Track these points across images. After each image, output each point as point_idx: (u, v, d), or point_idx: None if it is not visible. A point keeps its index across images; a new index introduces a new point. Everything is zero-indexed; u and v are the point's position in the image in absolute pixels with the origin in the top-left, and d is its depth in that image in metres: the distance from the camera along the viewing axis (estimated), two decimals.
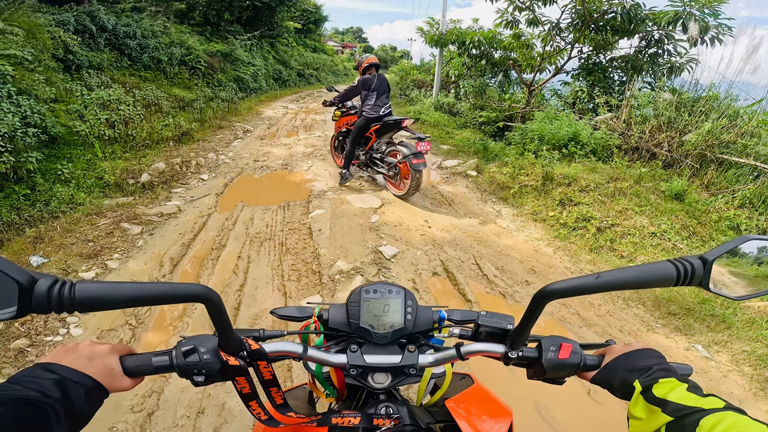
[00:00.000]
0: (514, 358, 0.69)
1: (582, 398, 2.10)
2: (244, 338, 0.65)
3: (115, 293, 0.50)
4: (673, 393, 0.51)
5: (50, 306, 0.47)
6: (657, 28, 6.82)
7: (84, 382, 0.53)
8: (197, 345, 0.61)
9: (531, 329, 0.67)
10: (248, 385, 0.66)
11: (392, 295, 0.78)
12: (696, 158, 5.11)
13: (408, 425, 0.73)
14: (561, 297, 0.59)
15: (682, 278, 0.57)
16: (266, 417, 0.69)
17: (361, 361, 0.73)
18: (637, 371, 0.59)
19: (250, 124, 9.01)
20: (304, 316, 0.84)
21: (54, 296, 0.47)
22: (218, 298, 0.57)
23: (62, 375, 0.52)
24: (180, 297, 0.54)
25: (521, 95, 9.29)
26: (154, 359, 0.61)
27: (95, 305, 0.50)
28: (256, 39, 14.29)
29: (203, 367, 0.60)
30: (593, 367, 0.68)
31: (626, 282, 0.58)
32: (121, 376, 0.59)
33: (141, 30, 8.21)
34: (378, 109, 4.74)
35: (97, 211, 4.00)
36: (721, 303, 2.96)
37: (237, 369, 0.62)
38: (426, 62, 17.40)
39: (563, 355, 0.67)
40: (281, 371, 2.16)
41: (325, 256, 3.38)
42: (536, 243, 3.90)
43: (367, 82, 4.69)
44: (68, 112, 5.18)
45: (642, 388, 0.55)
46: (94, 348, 0.58)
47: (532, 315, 0.64)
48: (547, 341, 0.68)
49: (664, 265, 0.58)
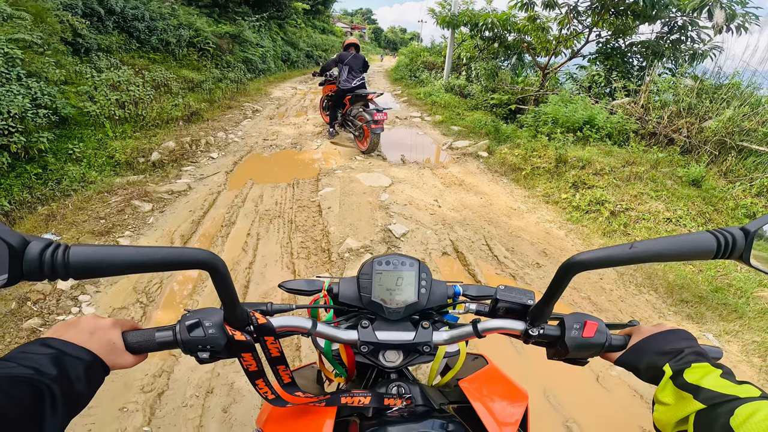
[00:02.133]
0: (534, 335, 0.64)
1: (590, 384, 2.07)
2: (251, 312, 0.61)
3: (112, 258, 0.46)
4: (707, 379, 0.48)
5: (42, 271, 0.43)
6: (681, 14, 6.62)
7: (83, 357, 0.50)
8: (202, 319, 0.58)
9: (554, 305, 0.62)
10: (255, 363, 0.62)
11: (405, 267, 0.74)
12: (715, 145, 5.00)
13: (420, 405, 0.69)
14: (589, 269, 0.54)
15: (722, 251, 0.52)
16: (273, 396, 0.66)
17: (373, 338, 0.69)
18: (666, 354, 0.55)
19: (259, 104, 8.96)
20: (314, 290, 0.81)
21: (47, 260, 0.43)
22: (224, 265, 0.53)
23: (60, 350, 0.48)
24: (182, 263, 0.50)
25: (535, 78, 9.10)
26: (157, 334, 0.59)
27: (91, 271, 0.45)
28: (264, 20, 14.12)
29: (208, 342, 0.57)
30: (619, 347, 0.63)
31: (662, 253, 0.53)
32: (122, 352, 0.56)
33: (149, 12, 8.16)
34: (350, 81, 5.79)
35: (108, 189, 4.03)
36: (734, 292, 2.90)
37: (243, 344, 0.59)
38: (437, 44, 17.07)
39: (588, 333, 0.62)
40: (289, 351, 2.16)
41: (334, 233, 3.37)
42: (548, 225, 3.84)
43: (342, 57, 5.78)
44: (78, 93, 5.20)
45: (672, 372, 0.52)
46: (96, 322, 0.55)
47: (556, 289, 0.59)
48: (570, 318, 0.63)
49: (703, 235, 0.53)
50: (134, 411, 1.80)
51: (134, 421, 1.75)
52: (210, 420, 1.78)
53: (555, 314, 0.67)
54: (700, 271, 3.15)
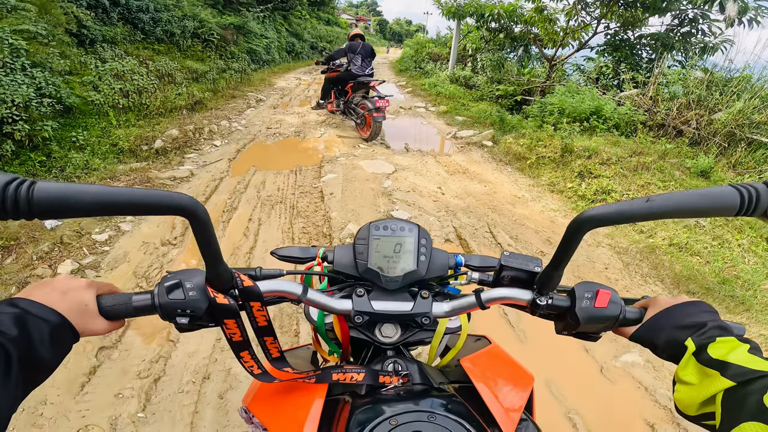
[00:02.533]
0: (543, 305, 0.60)
1: (594, 375, 2.03)
2: (236, 273, 0.57)
3: (81, 195, 0.42)
4: (734, 354, 0.43)
5: (5, 208, 0.39)
6: (692, 7, 6.51)
7: (49, 318, 0.46)
8: (183, 279, 0.54)
9: (564, 269, 0.57)
10: (239, 332, 0.58)
11: (404, 233, 0.70)
12: (724, 137, 4.94)
13: (418, 384, 0.65)
14: (602, 225, 0.50)
15: (746, 206, 0.48)
16: (260, 371, 0.61)
17: (368, 308, 0.64)
18: (688, 328, 0.51)
19: (263, 94, 8.94)
20: (307, 258, 0.77)
21: (9, 196, 0.39)
22: (205, 212, 0.47)
23: (25, 309, 0.45)
24: (158, 207, 0.45)
25: (541, 70, 8.99)
26: (134, 298, 0.55)
27: (58, 209, 0.41)
28: (269, 11, 14.06)
29: (187, 306, 0.53)
30: (634, 321, 0.58)
31: (681, 208, 0.48)
32: (95, 316, 0.52)
33: (154, 4, 8.14)
34: (363, 69, 5.95)
35: (111, 175, 4.03)
36: (742, 284, 2.86)
37: (226, 309, 0.55)
38: (442, 36, 16.93)
39: (600, 303, 0.57)
40: (287, 338, 2.13)
41: (336, 219, 3.35)
42: (553, 214, 3.80)
43: (352, 47, 5.96)
44: (83, 83, 5.22)
45: (696, 347, 0.47)
46: (69, 282, 0.51)
47: (566, 249, 0.53)
48: (581, 288, 0.59)
49: (725, 190, 0.48)
50: (129, 397, 1.78)
51: (129, 407, 1.74)
52: (206, 406, 1.77)
53: (563, 287, 0.63)
54: (708, 263, 3.11)
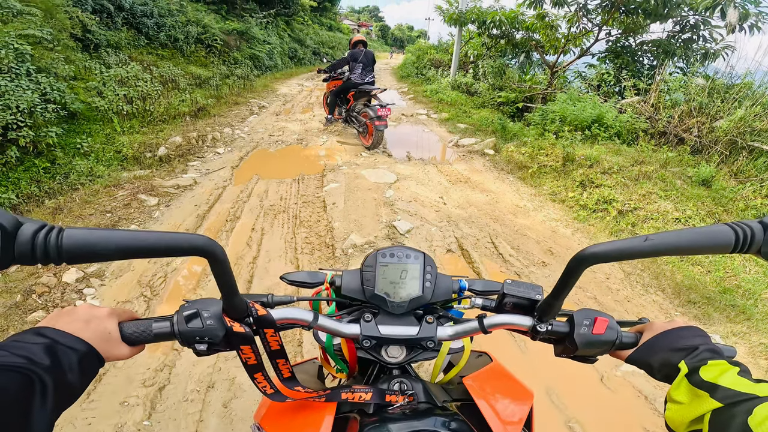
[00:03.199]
0: (542, 332, 0.63)
1: (594, 385, 2.04)
2: (250, 303, 0.60)
3: (107, 242, 0.44)
4: (724, 377, 0.46)
5: (35, 255, 0.41)
6: (693, 13, 6.53)
7: (77, 347, 0.48)
8: (200, 309, 0.56)
9: (564, 300, 0.60)
10: (254, 356, 0.61)
11: (410, 260, 0.72)
12: (726, 145, 4.93)
13: (423, 402, 0.68)
14: (602, 261, 0.52)
15: (741, 245, 0.50)
16: (272, 390, 0.64)
17: (375, 332, 0.67)
18: (681, 351, 0.54)
19: (265, 100, 8.99)
20: (316, 282, 0.79)
21: (39, 243, 0.41)
22: (222, 252, 0.51)
23: (54, 339, 0.47)
24: (179, 249, 0.48)
25: (543, 77, 9.02)
26: (154, 325, 0.57)
27: (85, 255, 0.44)
28: (271, 17, 14.16)
29: (206, 333, 0.56)
30: (630, 345, 0.62)
31: (678, 247, 0.51)
32: (118, 343, 0.55)
33: (158, 9, 8.20)
34: (364, 77, 5.85)
35: (115, 183, 4.06)
36: (743, 294, 2.86)
37: (242, 337, 0.58)
38: (444, 42, 17.00)
39: (598, 330, 0.60)
40: (291, 347, 2.15)
41: (338, 229, 3.36)
42: (554, 224, 3.81)
43: (354, 55, 5.85)
44: (87, 89, 5.24)
45: (688, 369, 0.50)
46: (92, 311, 0.54)
47: (567, 282, 0.57)
48: (579, 315, 0.62)
49: (721, 228, 0.51)
50: (135, 405, 1.80)
51: (134, 415, 1.75)
52: (210, 415, 1.78)
53: (563, 311, 0.65)
54: (709, 272, 3.11)
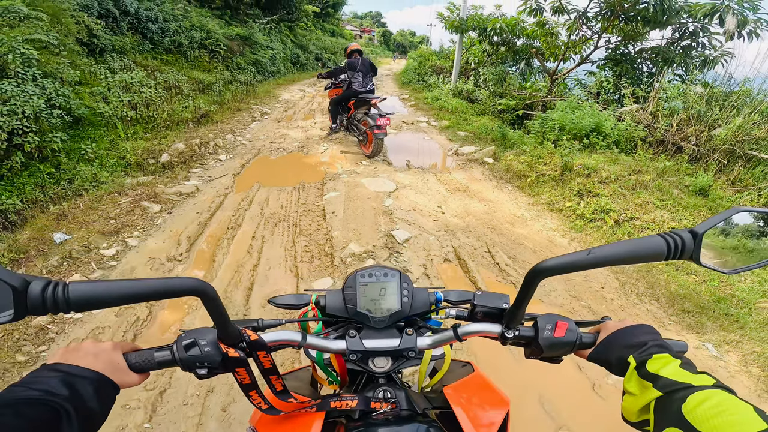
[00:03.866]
0: (510, 337, 0.68)
1: (586, 392, 2.08)
2: (242, 329, 0.65)
3: (108, 292, 0.50)
4: (666, 369, 0.51)
5: (46, 307, 0.47)
6: (692, 20, 6.56)
7: (91, 377, 0.52)
8: (197, 338, 0.61)
9: (526, 308, 0.66)
10: (248, 376, 0.65)
11: (387, 278, 0.78)
12: (724, 153, 4.95)
13: (404, 410, 0.73)
14: (554, 274, 0.58)
15: (673, 252, 0.56)
16: (266, 406, 0.69)
17: (360, 347, 0.73)
18: (632, 347, 0.59)
19: (267, 106, 9.06)
20: (302, 304, 0.84)
21: (48, 298, 0.47)
22: (213, 290, 0.56)
23: (68, 372, 0.50)
24: (174, 292, 0.53)
25: (543, 84, 9.07)
26: (156, 354, 0.62)
27: (89, 305, 0.50)
28: (274, 23, 14.28)
29: (205, 359, 0.60)
30: (589, 344, 0.67)
31: (617, 257, 0.56)
32: (127, 371, 0.59)
33: (162, 14, 8.28)
34: (364, 86, 5.90)
35: (118, 189, 4.11)
36: (737, 303, 2.89)
37: (237, 361, 0.63)
38: (445, 48, 17.07)
39: (559, 333, 0.66)
40: (288, 353, 2.19)
41: (338, 238, 3.40)
42: (551, 233, 3.84)
43: (352, 64, 5.88)
44: (92, 94, 5.30)
45: (636, 363, 0.55)
46: (97, 345, 0.58)
47: (526, 293, 0.63)
48: (542, 320, 0.67)
49: (654, 239, 0.57)
50: (136, 408, 1.85)
51: (135, 418, 1.81)
52: (209, 418, 1.83)
53: (530, 315, 0.70)
54: (704, 282, 3.13)
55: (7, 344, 2.17)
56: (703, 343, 2.53)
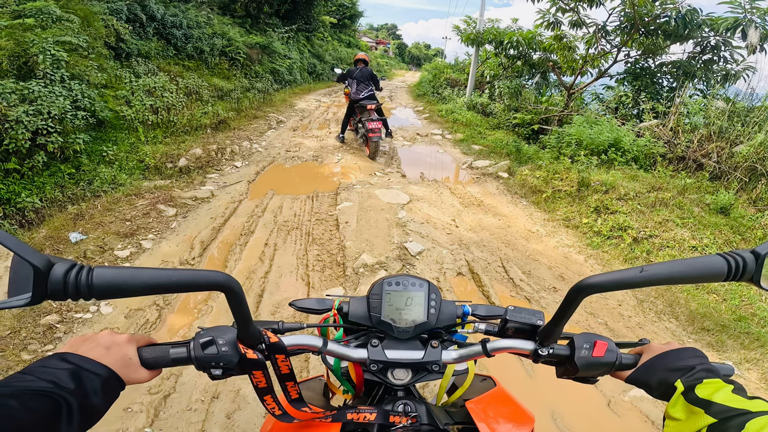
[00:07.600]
0: (544, 355, 0.66)
1: (601, 409, 2.02)
2: (263, 330, 0.63)
3: (134, 279, 0.48)
4: (718, 394, 0.48)
5: (67, 292, 0.45)
6: (714, 34, 6.46)
7: (100, 372, 0.51)
8: (216, 336, 0.59)
9: (564, 326, 0.63)
10: (264, 380, 0.64)
11: (415, 288, 0.75)
12: (746, 171, 4.82)
13: (425, 425, 0.70)
14: (600, 291, 0.55)
15: (734, 273, 0.53)
16: (280, 412, 0.67)
17: (382, 357, 0.70)
18: (678, 371, 0.56)
19: (283, 115, 9.17)
20: (324, 309, 0.83)
21: (71, 282, 0.45)
22: (239, 287, 0.55)
23: (77, 365, 0.50)
24: (200, 285, 0.52)
25: (559, 98, 9.00)
26: (171, 351, 0.60)
27: (114, 292, 0.48)
28: (293, 32, 14.52)
29: (221, 359, 0.59)
30: (629, 366, 0.64)
31: (673, 276, 0.54)
32: (138, 367, 0.58)
33: (187, 20, 8.46)
34: (359, 93, 6.42)
35: (136, 192, 4.18)
36: (758, 321, 2.82)
37: (255, 362, 0.61)
38: (460, 61, 17.14)
39: (598, 353, 0.63)
40: (297, 361, 2.17)
41: (350, 248, 3.39)
42: (567, 249, 3.77)
43: (350, 72, 6.56)
44: (116, 97, 5.41)
45: (684, 388, 0.53)
46: (112, 337, 0.57)
47: (566, 310, 0.60)
48: (580, 338, 0.64)
49: (714, 258, 0.54)
50: (138, 412, 1.84)
51: (137, 421, 1.79)
52: (213, 425, 1.80)
53: (564, 333, 0.67)
54: (724, 300, 3.04)
55: (14, 342, 2.19)
56: (723, 362, 2.44)
